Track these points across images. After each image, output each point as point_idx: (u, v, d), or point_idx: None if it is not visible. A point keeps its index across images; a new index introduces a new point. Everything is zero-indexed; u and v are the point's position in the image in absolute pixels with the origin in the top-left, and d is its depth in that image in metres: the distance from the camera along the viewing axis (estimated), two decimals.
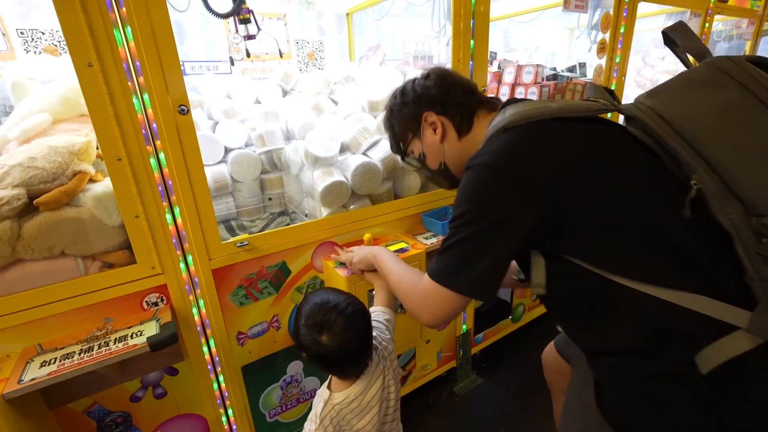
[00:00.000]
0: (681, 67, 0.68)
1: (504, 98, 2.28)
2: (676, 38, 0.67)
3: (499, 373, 1.92)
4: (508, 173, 0.63)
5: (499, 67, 2.29)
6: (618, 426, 0.67)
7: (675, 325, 0.59)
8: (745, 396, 0.58)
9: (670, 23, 2.82)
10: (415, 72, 1.62)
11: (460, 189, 0.69)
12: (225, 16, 1.20)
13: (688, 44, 0.66)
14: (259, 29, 1.28)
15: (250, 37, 1.28)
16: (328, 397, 0.87)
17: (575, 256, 0.64)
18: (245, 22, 1.25)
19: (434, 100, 0.83)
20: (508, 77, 2.08)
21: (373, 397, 0.90)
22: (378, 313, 1.02)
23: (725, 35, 3.15)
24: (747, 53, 3.09)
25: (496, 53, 2.75)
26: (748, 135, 0.55)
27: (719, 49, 3.63)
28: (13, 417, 0.78)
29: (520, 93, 2.01)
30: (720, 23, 3.47)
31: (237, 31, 1.27)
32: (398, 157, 0.98)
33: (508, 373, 1.92)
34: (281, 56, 1.38)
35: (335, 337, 0.81)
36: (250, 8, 1.25)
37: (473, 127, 0.83)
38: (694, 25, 2.37)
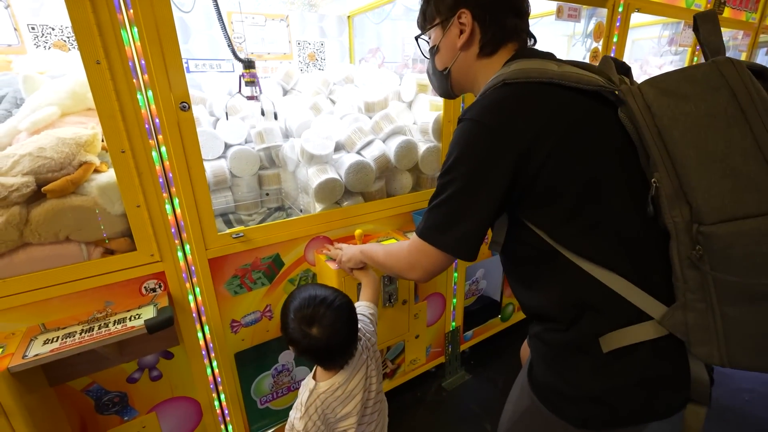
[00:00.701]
0: None
1: None
2: (701, 27, 0.65)
3: (487, 371, 1.97)
4: (496, 133, 0.64)
5: None
6: (537, 391, 0.77)
7: (594, 301, 0.66)
8: (637, 371, 0.66)
9: (667, 33, 2.81)
10: (414, 74, 1.68)
11: (452, 141, 0.70)
12: (242, 62, 1.38)
13: (708, 37, 0.64)
14: (260, 92, 1.43)
15: (251, 98, 1.42)
16: (314, 387, 0.92)
17: (534, 223, 0.68)
18: (250, 84, 1.40)
19: (479, 2, 0.74)
20: None
21: (356, 386, 0.95)
22: (363, 307, 1.07)
23: None
24: None
25: None
26: (719, 144, 0.55)
27: None
28: (18, 390, 0.83)
29: None
30: None
31: (240, 91, 1.40)
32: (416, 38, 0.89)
33: (496, 371, 1.97)
34: (262, 114, 1.53)
35: (324, 330, 0.86)
36: (257, 75, 1.42)
37: (494, 55, 0.77)
38: (688, 36, 2.42)
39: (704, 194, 0.56)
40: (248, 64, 1.38)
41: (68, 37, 1.62)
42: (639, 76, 3.16)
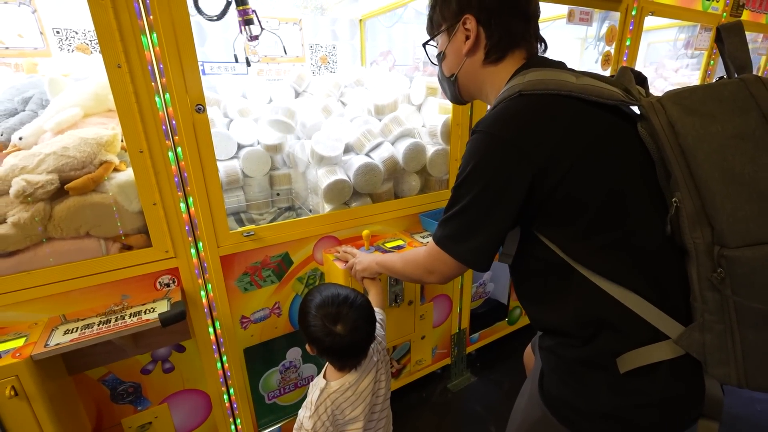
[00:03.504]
0: (694, 81, 0.68)
1: None
2: (726, 40, 0.63)
3: (493, 373, 1.97)
4: (512, 146, 0.63)
5: None
6: (549, 404, 0.76)
7: (611, 320, 0.65)
8: (654, 391, 0.65)
9: (683, 36, 2.78)
10: (424, 77, 1.69)
11: (465, 152, 0.70)
12: (217, 18, 1.16)
13: (733, 52, 0.62)
14: (262, 29, 1.24)
15: (253, 38, 1.25)
16: (325, 386, 0.93)
17: (548, 237, 0.67)
18: (249, 23, 1.21)
19: (483, 6, 0.73)
20: None
21: (366, 387, 0.96)
22: (375, 312, 1.09)
23: None
24: (762, 68, 3.06)
25: None
26: (747, 167, 0.54)
27: None
28: (39, 377, 0.87)
29: None
30: None
31: (241, 31, 1.23)
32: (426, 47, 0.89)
33: (502, 374, 1.97)
34: (285, 52, 1.37)
35: (348, 327, 0.88)
36: (254, 9, 1.22)
37: (501, 62, 0.76)
38: (704, 39, 2.38)
39: (729, 218, 0.54)
40: (240, 1, 1.19)
41: (90, 41, 1.68)
42: (655, 79, 3.11)
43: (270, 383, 1.43)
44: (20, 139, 1.08)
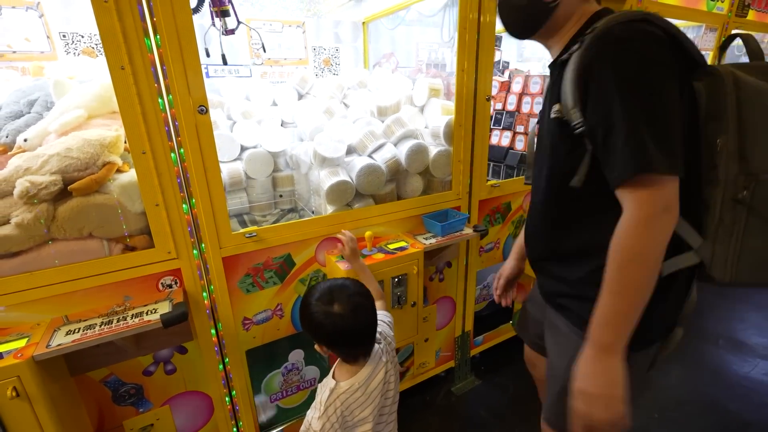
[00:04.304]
0: None
1: (511, 107, 2.27)
2: (747, 38, 0.77)
3: (497, 377, 1.95)
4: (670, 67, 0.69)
5: (509, 77, 2.33)
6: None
7: None
8: (680, 294, 0.81)
9: (689, 35, 2.79)
10: (426, 79, 1.69)
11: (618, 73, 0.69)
12: (193, 12, 1.04)
13: (755, 49, 0.78)
14: (239, 23, 1.12)
15: (229, 32, 1.12)
16: (334, 386, 0.91)
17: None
18: (224, 15, 1.09)
19: None
20: (516, 87, 2.12)
21: (375, 388, 0.94)
22: (383, 314, 1.08)
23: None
24: None
25: (508, 63, 2.79)
26: None
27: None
28: (41, 378, 0.87)
29: (527, 102, 2.05)
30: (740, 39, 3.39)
31: (213, 23, 1.11)
32: None
33: (506, 377, 1.95)
34: (263, 50, 1.17)
35: (346, 307, 0.87)
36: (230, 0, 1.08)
37: (591, 3, 0.81)
38: (710, 40, 2.36)
39: (764, 153, 0.68)
40: None
41: (96, 44, 1.70)
42: None
43: (272, 385, 1.43)
44: (25, 140, 1.08)
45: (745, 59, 0.80)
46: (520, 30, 0.87)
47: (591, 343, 0.73)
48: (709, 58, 2.53)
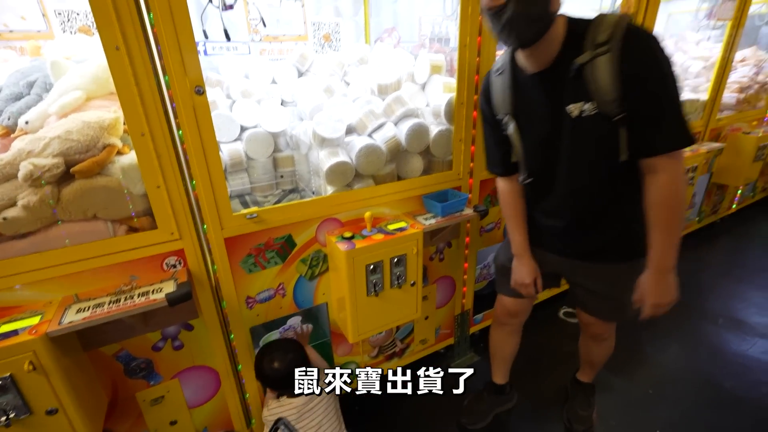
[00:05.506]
0: (716, 54, 0.87)
1: None
2: None
3: None
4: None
5: None
6: (643, 253, 1.04)
7: None
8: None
9: (706, 6, 2.66)
10: (428, 55, 1.65)
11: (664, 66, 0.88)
12: None
13: None
14: None
15: (228, 7, 1.14)
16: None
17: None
18: None
19: None
20: None
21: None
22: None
23: None
24: None
25: None
26: None
27: (763, 33, 3.39)
28: (55, 352, 0.92)
29: None
30: (763, 5, 3.23)
31: (210, 0, 1.11)
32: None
33: None
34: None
35: (282, 363, 1.24)
36: None
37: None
38: (729, 9, 2.25)
39: None
40: None
41: (92, 22, 1.66)
42: (674, 53, 2.97)
43: None
44: (26, 123, 1.09)
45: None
46: (531, 40, 0.93)
47: (656, 269, 1.01)
48: (728, 27, 2.42)
